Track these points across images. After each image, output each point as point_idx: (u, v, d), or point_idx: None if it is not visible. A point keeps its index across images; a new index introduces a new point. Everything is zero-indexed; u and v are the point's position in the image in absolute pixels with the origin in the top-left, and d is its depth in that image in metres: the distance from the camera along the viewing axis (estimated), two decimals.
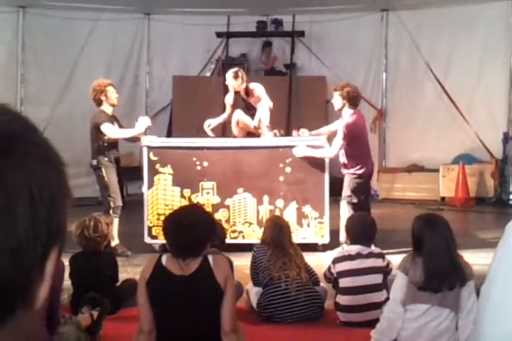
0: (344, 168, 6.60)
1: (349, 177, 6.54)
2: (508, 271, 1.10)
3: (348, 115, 6.52)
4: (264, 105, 7.00)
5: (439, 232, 3.49)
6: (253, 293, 4.54)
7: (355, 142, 6.46)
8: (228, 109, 7.35)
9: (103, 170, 6.55)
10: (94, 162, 6.60)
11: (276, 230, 4.59)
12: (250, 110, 7.14)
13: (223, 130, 8.36)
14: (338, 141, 6.41)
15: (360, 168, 6.48)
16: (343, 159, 6.56)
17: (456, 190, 10.19)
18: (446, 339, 3.43)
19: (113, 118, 6.72)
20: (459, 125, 10.66)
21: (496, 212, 9.57)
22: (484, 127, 10.48)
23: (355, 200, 6.44)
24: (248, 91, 7.08)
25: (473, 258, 5.58)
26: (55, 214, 0.65)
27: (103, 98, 6.62)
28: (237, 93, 7.17)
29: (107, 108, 6.66)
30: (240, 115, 7.20)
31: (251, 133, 7.20)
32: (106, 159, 6.55)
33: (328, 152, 6.50)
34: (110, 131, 6.49)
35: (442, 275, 3.39)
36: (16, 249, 0.61)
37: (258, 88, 7.10)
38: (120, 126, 6.83)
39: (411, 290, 3.45)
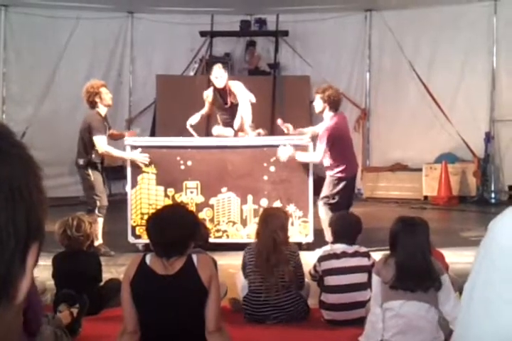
0: (326, 170, 6.63)
1: (330, 179, 6.56)
2: (490, 270, 1.10)
3: (328, 118, 6.54)
4: (245, 102, 6.96)
5: (414, 234, 3.52)
6: (240, 285, 4.53)
7: (337, 145, 6.46)
8: (206, 106, 7.28)
9: (89, 169, 6.51)
10: (81, 161, 6.55)
11: (261, 223, 4.51)
12: (231, 109, 7.10)
13: (207, 130, 8.34)
14: (321, 145, 6.43)
15: (341, 171, 6.48)
16: (325, 161, 6.57)
17: (439, 189, 10.26)
18: (428, 334, 3.45)
19: (106, 121, 6.66)
20: (441, 124, 10.75)
21: (478, 211, 9.64)
22: (466, 126, 10.56)
23: (332, 201, 6.45)
24: (228, 90, 7.05)
25: (456, 257, 5.64)
26: (34, 210, 0.67)
27: (97, 100, 6.54)
28: (217, 90, 7.12)
29: (101, 109, 6.60)
30: (218, 130, 7.17)
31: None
32: (91, 159, 6.50)
33: (312, 157, 6.50)
34: (101, 144, 6.43)
35: (413, 275, 3.42)
36: None
37: (235, 84, 7.07)
38: (109, 127, 6.78)
39: (384, 290, 3.49)
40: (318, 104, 6.58)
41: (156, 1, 11.33)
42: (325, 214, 6.40)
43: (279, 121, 7.01)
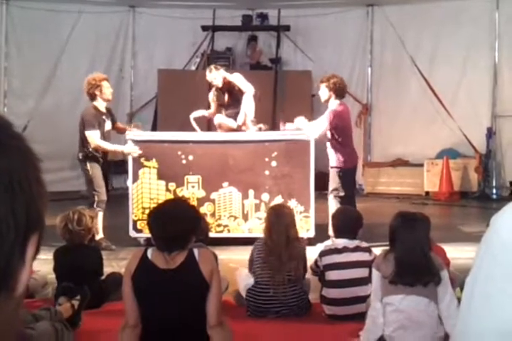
0: (330, 161, 6.65)
1: (334, 171, 6.59)
2: (492, 265, 1.10)
3: (335, 105, 6.56)
4: (249, 98, 6.96)
5: (413, 230, 3.52)
6: (244, 282, 4.53)
7: (340, 133, 6.50)
8: (213, 107, 7.33)
9: (87, 163, 6.51)
10: (81, 155, 6.55)
11: (272, 220, 4.47)
12: (234, 105, 7.09)
13: (209, 124, 8.34)
14: (323, 124, 6.43)
15: (344, 161, 6.54)
16: (329, 151, 6.60)
17: (441, 185, 10.26)
18: (429, 329, 3.45)
19: (106, 115, 6.64)
20: (443, 120, 10.74)
21: (479, 206, 9.65)
22: (468, 122, 10.56)
23: (342, 193, 6.48)
24: (230, 85, 7.04)
25: (458, 252, 5.64)
26: (34, 202, 0.67)
27: (97, 93, 6.53)
28: (218, 89, 7.13)
29: (100, 103, 6.59)
30: (220, 119, 7.18)
31: (235, 129, 7.18)
32: (92, 152, 6.50)
33: (312, 132, 6.50)
34: (93, 138, 6.42)
35: (412, 270, 3.42)
36: None
37: (235, 77, 7.06)
38: (113, 121, 6.78)
39: (384, 285, 3.50)
40: (324, 92, 6.59)
41: None
42: (335, 207, 6.40)
43: (281, 126, 7.02)
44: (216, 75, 6.97)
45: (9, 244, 0.64)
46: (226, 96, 7.15)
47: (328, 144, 6.61)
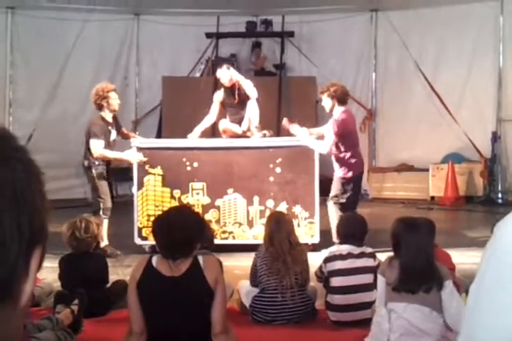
0: (334, 167, 6.62)
1: (338, 178, 6.57)
2: (498, 268, 1.10)
3: (338, 113, 6.54)
4: (254, 104, 6.98)
5: (416, 235, 3.51)
6: (245, 290, 4.53)
7: (344, 141, 6.47)
8: (216, 107, 7.28)
9: (93, 170, 6.52)
10: (86, 163, 6.56)
11: (272, 227, 4.50)
12: (240, 107, 7.11)
13: (213, 131, 8.35)
14: (330, 136, 6.41)
15: (348, 171, 6.48)
16: (333, 158, 6.58)
17: (446, 189, 10.23)
18: (435, 335, 3.44)
19: (112, 124, 6.65)
20: (448, 124, 10.72)
21: (485, 211, 9.61)
22: (473, 126, 10.54)
23: (342, 200, 6.46)
24: (240, 88, 7.06)
25: (463, 257, 5.63)
26: (37, 214, 0.68)
27: (104, 104, 6.54)
28: (227, 89, 7.14)
29: (106, 114, 6.60)
30: (225, 124, 7.19)
31: (240, 135, 7.19)
32: (97, 161, 6.51)
33: (321, 146, 6.47)
34: (96, 148, 6.42)
35: (417, 277, 3.40)
36: (0, 245, 0.64)
37: (245, 82, 7.08)
38: (119, 129, 6.79)
39: (388, 291, 3.48)
40: (327, 102, 6.57)
41: (162, 3, 11.37)
42: (335, 213, 6.40)
43: (285, 121, 6.97)
44: (225, 73, 7.00)
45: (13, 255, 0.65)
46: (232, 96, 7.16)
47: (333, 157, 6.56)
